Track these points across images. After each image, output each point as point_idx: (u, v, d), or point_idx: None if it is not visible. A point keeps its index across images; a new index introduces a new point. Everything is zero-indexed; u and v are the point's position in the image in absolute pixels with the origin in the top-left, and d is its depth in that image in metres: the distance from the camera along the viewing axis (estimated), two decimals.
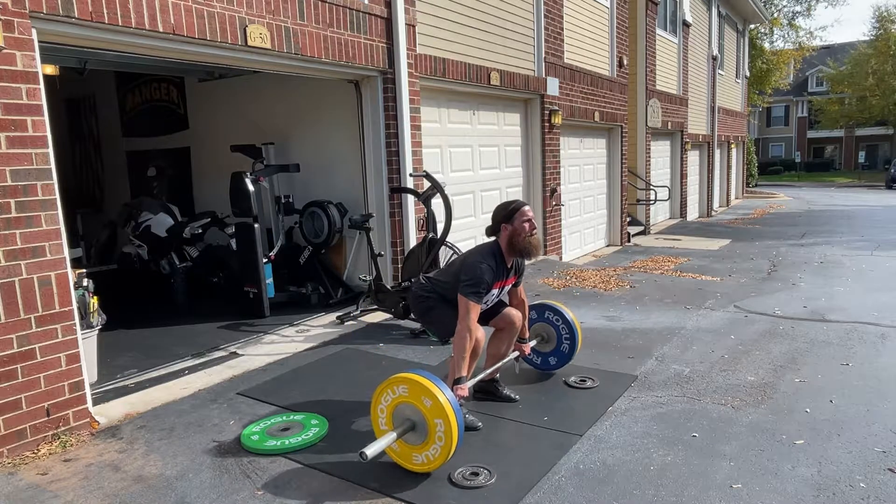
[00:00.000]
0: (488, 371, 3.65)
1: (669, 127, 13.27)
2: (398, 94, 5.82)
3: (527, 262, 3.87)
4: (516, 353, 3.84)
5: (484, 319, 3.56)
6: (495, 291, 3.49)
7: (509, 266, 3.52)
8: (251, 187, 5.83)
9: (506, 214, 3.45)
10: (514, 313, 3.67)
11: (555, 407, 3.72)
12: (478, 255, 3.41)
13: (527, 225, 3.41)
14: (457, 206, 6.78)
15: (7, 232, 3.17)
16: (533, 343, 4.07)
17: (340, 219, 6.37)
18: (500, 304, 3.70)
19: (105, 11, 3.59)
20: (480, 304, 3.31)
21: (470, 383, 3.29)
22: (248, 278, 5.94)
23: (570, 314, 4.16)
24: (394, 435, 2.85)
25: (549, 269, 8.01)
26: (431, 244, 5.41)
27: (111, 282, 7.25)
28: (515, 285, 3.71)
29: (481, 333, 3.37)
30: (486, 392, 3.83)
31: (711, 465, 3.01)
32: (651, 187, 12.28)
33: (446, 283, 3.51)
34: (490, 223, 3.53)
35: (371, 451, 2.71)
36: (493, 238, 3.52)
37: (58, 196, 3.39)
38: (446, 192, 5.35)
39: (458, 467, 2.98)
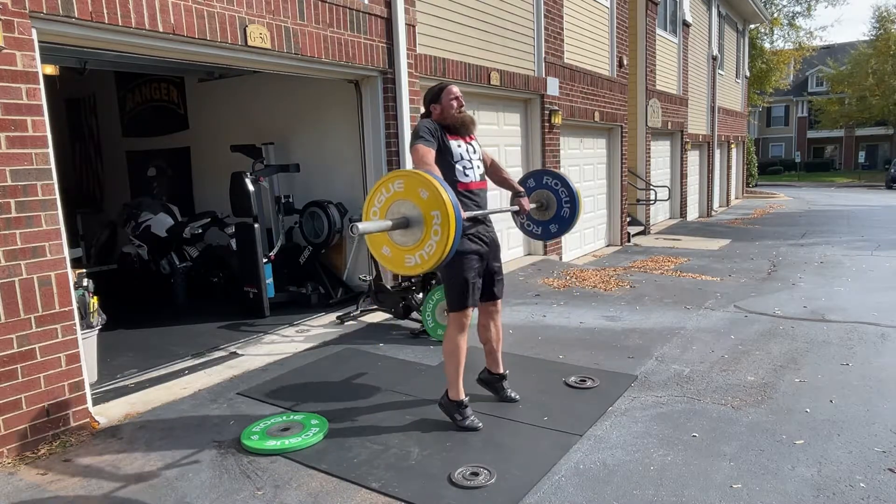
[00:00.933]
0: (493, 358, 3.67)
1: (669, 127, 13.27)
2: (398, 94, 5.82)
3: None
4: (515, 208, 3.79)
5: (483, 295, 3.56)
6: (461, 143, 3.46)
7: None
8: (251, 187, 5.83)
9: (433, 95, 3.47)
10: (492, 308, 3.69)
11: (555, 407, 3.72)
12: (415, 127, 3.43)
13: (455, 102, 3.43)
14: None
15: (7, 232, 3.17)
16: (533, 205, 3.98)
17: (340, 219, 6.37)
18: (492, 283, 3.64)
19: (105, 11, 3.59)
20: (429, 146, 3.26)
21: (467, 214, 3.23)
22: (248, 278, 5.94)
23: (568, 177, 4.04)
24: (389, 223, 2.75)
25: (550, 269, 8.01)
26: None
27: (111, 282, 7.25)
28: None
29: (464, 343, 3.42)
30: (490, 386, 3.83)
31: (711, 465, 3.01)
32: (651, 187, 12.28)
33: None
34: (422, 109, 3.51)
35: (362, 225, 2.64)
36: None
37: (58, 196, 3.39)
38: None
39: (459, 467, 2.98)
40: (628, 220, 11.46)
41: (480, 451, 3.19)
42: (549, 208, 4.08)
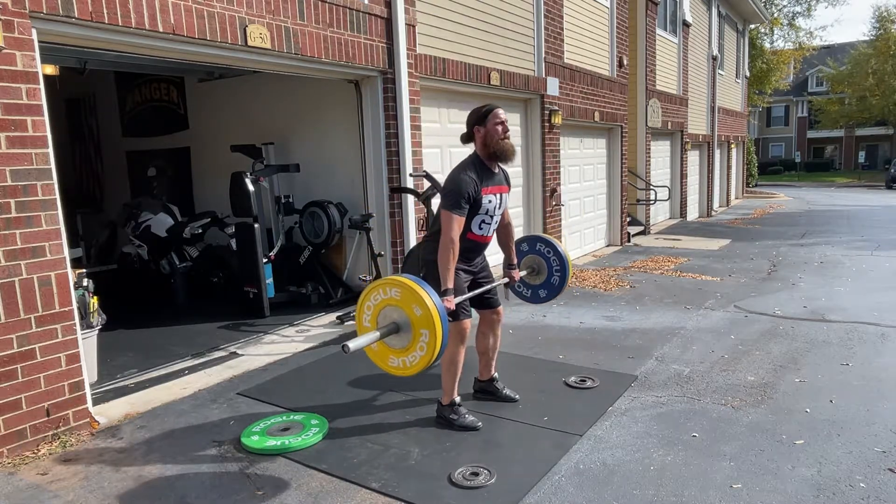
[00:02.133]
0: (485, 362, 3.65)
1: (669, 127, 13.27)
2: (398, 94, 5.82)
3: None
4: (506, 280, 3.81)
5: (478, 304, 3.57)
6: (493, 198, 3.41)
7: (495, 172, 3.46)
8: (251, 187, 5.83)
9: (478, 117, 3.40)
10: (494, 317, 3.69)
11: (555, 407, 3.72)
12: (457, 169, 3.37)
13: (500, 127, 3.37)
14: None
15: (7, 232, 3.17)
16: (523, 273, 4.04)
17: (340, 219, 6.37)
18: (489, 296, 3.65)
19: (105, 11, 3.59)
20: (462, 215, 3.25)
21: (458, 299, 3.26)
22: (248, 278, 5.94)
23: (561, 246, 4.10)
24: (377, 334, 2.81)
25: None
26: None
27: (111, 282, 7.25)
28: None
29: (462, 352, 3.40)
30: (487, 392, 3.83)
31: (711, 465, 3.01)
32: (651, 187, 12.28)
33: (438, 228, 3.39)
34: (464, 130, 3.48)
35: (353, 344, 2.69)
36: (471, 149, 3.48)
37: (58, 196, 3.39)
38: None
39: (459, 467, 2.98)
40: (628, 220, 11.46)
41: (480, 451, 3.19)
42: (540, 274, 4.18)
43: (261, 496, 2.83)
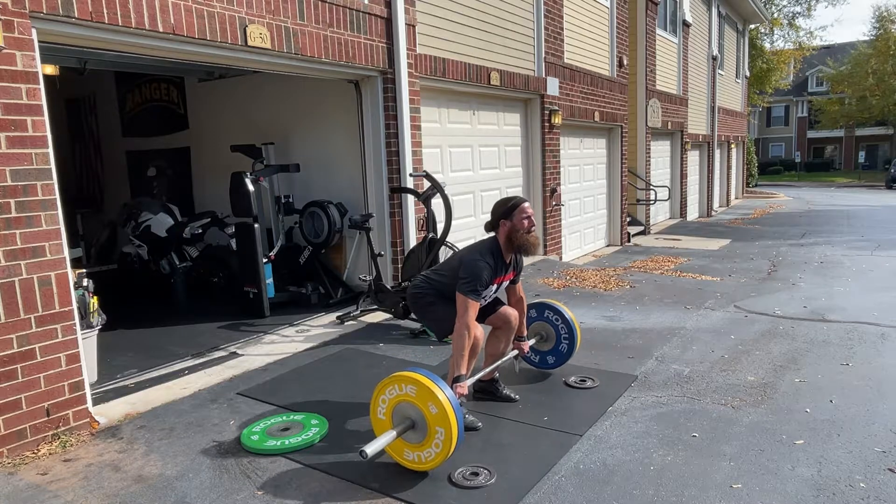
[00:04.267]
0: (487, 370, 3.66)
1: (669, 127, 13.27)
2: (398, 94, 5.82)
3: (526, 261, 3.88)
4: (515, 352, 3.84)
5: (481, 317, 3.57)
6: (494, 287, 3.51)
7: (508, 262, 3.53)
8: (251, 187, 5.83)
9: (505, 210, 3.45)
10: (511, 312, 3.67)
11: (555, 407, 3.72)
12: (476, 253, 3.41)
13: (526, 221, 3.41)
14: (457, 207, 6.78)
15: (7, 232, 3.17)
16: (532, 342, 4.08)
17: (340, 219, 6.37)
18: (496, 302, 3.70)
19: (105, 11, 3.59)
20: (479, 301, 3.32)
21: (469, 381, 3.30)
22: (248, 278, 5.94)
23: (569, 314, 4.16)
24: (394, 433, 2.86)
25: (549, 269, 8.01)
26: (431, 244, 5.41)
27: (111, 282, 7.25)
28: (513, 282, 3.72)
29: (480, 332, 3.38)
30: (486, 392, 3.83)
31: (711, 465, 3.01)
32: (651, 187, 12.28)
33: (444, 280, 3.52)
34: (489, 218, 3.53)
35: (371, 449, 2.72)
36: (491, 234, 3.53)
37: (58, 196, 3.39)
38: (446, 192, 5.35)
39: (459, 467, 2.98)
40: (628, 220, 11.46)
41: (480, 451, 3.19)
42: (549, 340, 4.23)
43: (261, 496, 2.82)
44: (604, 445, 3.24)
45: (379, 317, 5.77)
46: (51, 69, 5.27)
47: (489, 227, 3.54)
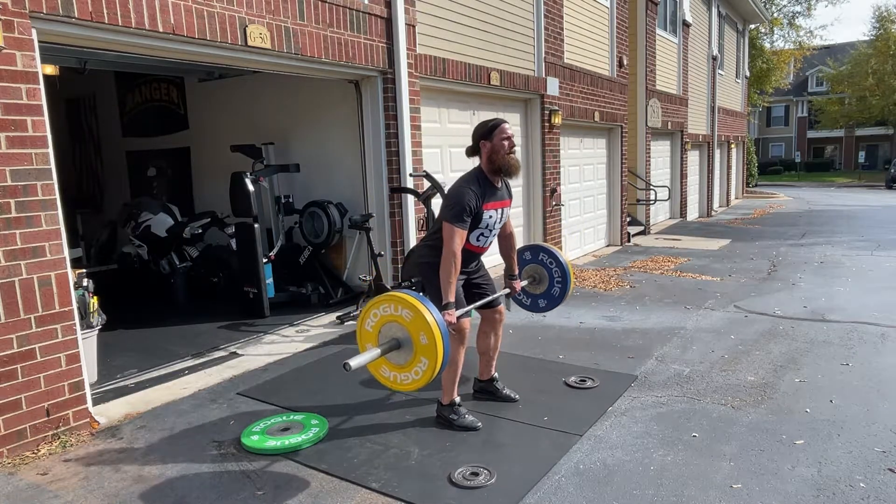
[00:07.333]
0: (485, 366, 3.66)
1: (669, 127, 13.27)
2: (398, 94, 5.82)
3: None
4: (507, 291, 3.82)
5: (487, 307, 3.56)
6: (493, 213, 3.42)
7: (497, 186, 3.45)
8: (251, 187, 5.83)
9: (485, 131, 3.40)
10: (496, 317, 3.70)
11: (555, 407, 3.72)
12: (460, 182, 3.38)
13: (506, 143, 3.36)
14: None
15: (7, 232, 3.17)
16: (524, 283, 4.06)
17: (340, 219, 6.37)
18: (496, 302, 3.67)
19: (105, 11, 3.59)
20: (464, 228, 3.26)
21: (458, 312, 3.26)
22: (248, 278, 5.94)
23: (563, 257, 4.11)
24: (378, 351, 2.84)
25: None
26: None
27: (111, 282, 7.25)
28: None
29: (467, 322, 3.40)
30: (486, 392, 3.83)
31: (711, 465, 3.01)
32: (651, 187, 12.28)
33: (439, 235, 3.38)
34: (470, 143, 3.48)
35: (355, 363, 2.72)
36: (476, 162, 3.48)
37: (58, 196, 3.39)
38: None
39: (458, 467, 2.98)
40: (628, 220, 11.46)
41: (480, 451, 3.19)
42: (541, 283, 4.18)
43: (261, 496, 2.82)
44: (604, 445, 3.24)
45: None
46: (51, 69, 5.27)
47: (470, 151, 3.49)
